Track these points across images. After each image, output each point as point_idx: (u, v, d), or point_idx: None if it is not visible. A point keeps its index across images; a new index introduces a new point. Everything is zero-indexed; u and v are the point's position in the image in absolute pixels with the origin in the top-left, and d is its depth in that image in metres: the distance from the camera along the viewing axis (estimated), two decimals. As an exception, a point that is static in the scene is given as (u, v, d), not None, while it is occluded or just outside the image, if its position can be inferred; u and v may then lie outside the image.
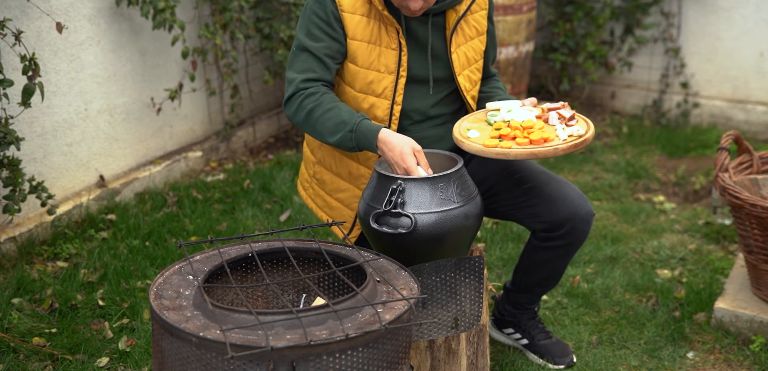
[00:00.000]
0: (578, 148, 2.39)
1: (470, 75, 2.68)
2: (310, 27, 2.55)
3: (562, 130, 2.43)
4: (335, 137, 2.47)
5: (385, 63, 2.55)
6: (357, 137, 2.44)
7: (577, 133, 2.42)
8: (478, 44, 2.70)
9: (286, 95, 2.57)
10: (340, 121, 2.46)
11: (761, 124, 5.49)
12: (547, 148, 2.35)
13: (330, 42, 2.53)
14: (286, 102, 2.57)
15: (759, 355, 3.01)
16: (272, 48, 4.88)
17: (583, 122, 2.51)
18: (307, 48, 2.54)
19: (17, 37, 3.35)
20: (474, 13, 2.66)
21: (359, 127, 2.44)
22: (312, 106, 2.50)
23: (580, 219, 2.65)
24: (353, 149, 2.47)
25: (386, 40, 2.55)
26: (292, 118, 2.57)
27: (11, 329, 3.06)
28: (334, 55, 2.55)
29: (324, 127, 2.48)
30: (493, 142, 2.40)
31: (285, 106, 2.58)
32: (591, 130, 2.45)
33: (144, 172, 4.34)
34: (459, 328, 2.31)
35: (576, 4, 5.83)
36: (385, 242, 2.34)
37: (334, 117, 2.47)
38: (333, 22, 2.53)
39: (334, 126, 2.47)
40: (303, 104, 2.51)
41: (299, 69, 2.55)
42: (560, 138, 2.40)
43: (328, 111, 2.48)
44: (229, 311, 1.85)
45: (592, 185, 4.65)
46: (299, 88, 2.53)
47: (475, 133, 2.48)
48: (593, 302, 3.39)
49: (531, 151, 2.34)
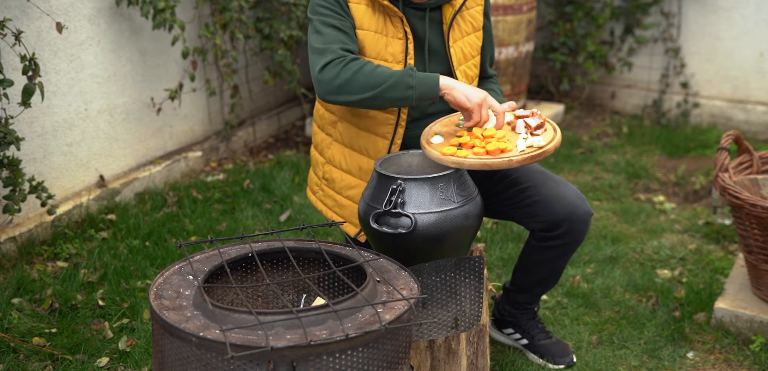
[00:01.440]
0: (535, 160, 2.36)
1: (467, 71, 2.69)
2: (324, 11, 2.53)
3: (523, 140, 2.41)
4: (392, 79, 2.41)
5: (392, 52, 2.56)
6: (417, 78, 2.43)
7: (537, 144, 2.40)
8: (475, 40, 2.71)
9: (323, 61, 2.46)
10: (393, 71, 2.44)
11: (761, 124, 5.49)
12: (501, 159, 2.34)
13: (347, 22, 2.52)
14: (324, 67, 2.45)
15: (759, 355, 3.01)
16: (272, 48, 4.88)
17: (551, 131, 2.49)
18: (331, 24, 2.49)
19: (17, 37, 3.35)
20: (470, 8, 2.67)
21: (416, 71, 2.45)
22: (359, 66, 2.43)
23: (577, 219, 2.65)
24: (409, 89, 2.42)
25: (392, 30, 2.56)
26: (329, 84, 2.45)
27: (11, 329, 3.06)
28: (354, 34, 2.54)
29: (377, 78, 2.42)
30: (450, 150, 2.39)
31: (322, 70, 2.45)
32: (554, 142, 2.42)
33: (144, 172, 4.34)
34: (459, 328, 2.31)
35: (576, 4, 5.83)
36: (385, 242, 2.34)
37: (384, 70, 2.44)
38: (343, 6, 2.53)
39: (389, 74, 2.42)
40: (349, 66, 2.43)
41: (330, 40, 2.48)
42: (518, 148, 2.39)
43: (377, 68, 2.44)
44: (229, 311, 1.85)
45: (592, 185, 4.65)
46: (339, 54, 2.45)
47: (438, 139, 2.48)
48: (593, 302, 3.39)
49: (484, 162, 2.33)
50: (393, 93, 2.42)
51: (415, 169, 2.55)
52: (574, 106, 6.01)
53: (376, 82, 2.42)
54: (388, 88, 2.42)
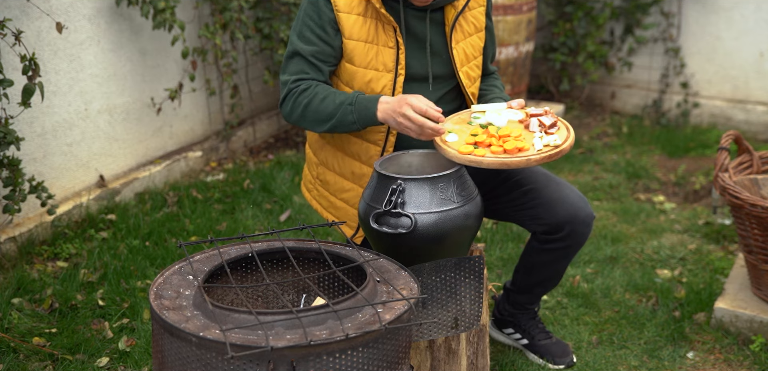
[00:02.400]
0: (552, 159, 2.37)
1: (469, 71, 2.68)
2: (303, 29, 2.57)
3: (539, 139, 2.41)
4: (334, 118, 2.49)
5: (383, 61, 2.55)
6: (357, 109, 2.47)
7: (554, 143, 2.39)
8: (477, 41, 2.70)
9: (281, 96, 2.62)
10: (338, 103, 2.50)
11: (761, 124, 5.49)
12: (520, 158, 2.33)
13: (322, 45, 2.55)
14: (281, 104, 2.62)
15: (759, 355, 3.01)
16: (272, 48, 4.88)
17: (564, 130, 2.48)
18: (299, 52, 2.57)
19: (17, 37, 3.35)
20: (472, 9, 2.67)
21: (358, 99, 2.48)
22: (307, 100, 2.54)
23: (580, 222, 2.65)
24: (353, 124, 2.49)
25: (383, 39, 2.55)
26: (288, 118, 2.61)
27: (11, 329, 3.06)
28: (326, 59, 2.57)
29: (323, 113, 2.51)
30: (467, 149, 2.39)
31: (281, 107, 2.63)
32: (569, 140, 2.43)
33: (144, 172, 4.34)
34: (459, 328, 2.31)
35: (576, 4, 5.83)
36: (385, 242, 2.33)
37: (330, 102, 2.51)
38: (326, 26, 2.54)
39: (333, 108, 2.50)
40: (297, 101, 2.55)
41: (291, 71, 2.59)
42: (535, 147, 2.38)
43: (324, 99, 2.52)
44: (229, 311, 1.85)
45: (592, 185, 4.65)
46: (290, 89, 2.57)
47: (453, 137, 2.47)
48: (593, 302, 3.39)
49: (503, 161, 2.33)
50: (341, 129, 2.52)
51: (415, 169, 2.55)
52: (574, 106, 6.01)
53: (323, 118, 2.53)
54: (334, 124, 2.52)
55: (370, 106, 2.47)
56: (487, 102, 2.73)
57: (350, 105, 2.48)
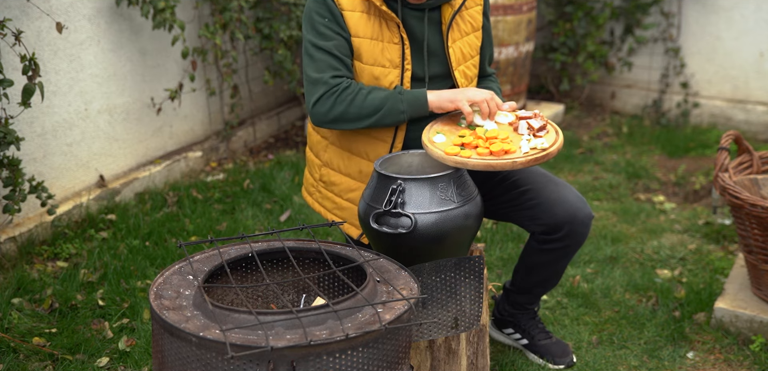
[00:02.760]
0: (539, 162, 2.37)
1: (466, 71, 2.68)
2: (318, 27, 2.54)
3: (526, 142, 2.41)
4: (383, 109, 2.51)
5: (389, 57, 2.56)
6: (406, 98, 2.51)
7: (541, 146, 2.40)
8: (474, 40, 2.70)
9: (316, 95, 2.52)
10: (384, 95, 2.52)
11: (761, 124, 5.49)
12: (505, 160, 2.34)
13: (340, 40, 2.54)
14: (316, 102, 2.52)
15: (759, 355, 3.01)
16: (272, 48, 4.88)
17: (553, 133, 2.49)
18: (321, 47, 2.53)
19: (17, 37, 3.35)
20: (469, 8, 2.67)
21: (404, 91, 2.52)
22: (351, 96, 2.51)
23: (579, 222, 2.65)
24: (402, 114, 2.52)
25: (388, 35, 2.56)
26: (325, 116, 2.53)
27: (11, 329, 3.06)
28: (347, 53, 2.56)
29: (369, 106, 2.51)
30: (454, 150, 2.39)
31: (315, 106, 2.53)
32: (557, 144, 2.43)
33: (144, 172, 4.34)
34: (459, 328, 2.31)
35: (576, 4, 5.83)
36: (385, 242, 2.33)
37: (375, 96, 2.52)
38: (338, 20, 2.53)
39: (380, 101, 2.51)
40: (341, 98, 2.51)
41: (321, 68, 2.53)
42: (522, 150, 2.39)
43: (369, 94, 2.52)
44: (229, 311, 1.85)
45: (592, 185, 4.65)
46: (331, 85, 2.51)
47: (441, 138, 2.47)
48: (593, 302, 3.39)
49: (488, 163, 2.33)
50: (386, 120, 2.53)
51: (415, 169, 2.55)
52: (574, 106, 6.01)
53: (369, 112, 2.51)
54: (381, 116, 2.52)
55: (419, 94, 2.53)
56: None
57: (400, 94, 2.51)
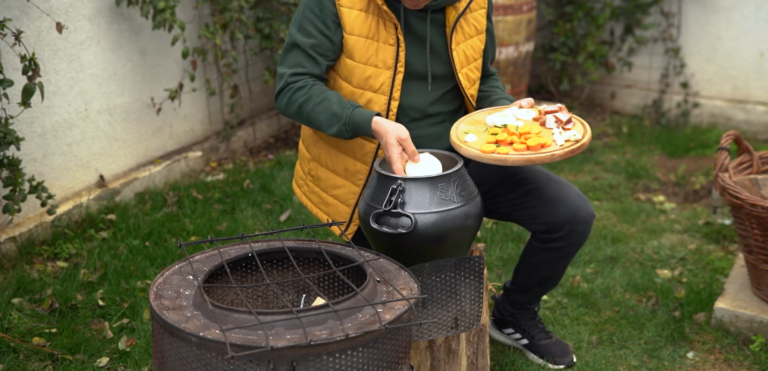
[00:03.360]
0: (575, 153, 2.37)
1: (469, 73, 2.68)
2: (304, 22, 2.57)
3: (559, 134, 2.41)
4: (331, 130, 2.50)
5: (382, 58, 2.55)
6: (351, 128, 2.47)
7: (574, 138, 2.40)
8: (477, 43, 2.70)
9: (276, 89, 2.62)
10: (331, 113, 2.49)
11: (761, 124, 5.49)
12: (544, 154, 2.34)
13: (321, 39, 2.54)
14: (276, 96, 2.62)
15: (759, 355, 3.01)
16: (272, 48, 4.88)
17: (580, 125, 2.49)
18: (297, 43, 2.57)
19: (17, 37, 3.35)
20: (473, 11, 2.66)
21: (352, 117, 2.47)
22: (302, 100, 2.53)
23: (580, 221, 2.65)
24: (352, 138, 2.52)
25: (384, 36, 2.55)
26: (284, 112, 2.61)
27: (11, 329, 3.06)
28: (324, 53, 2.56)
29: (317, 120, 2.52)
30: (490, 148, 2.39)
31: (276, 99, 2.62)
32: (588, 134, 2.43)
33: (144, 172, 4.34)
34: (459, 328, 2.31)
35: (576, 4, 5.83)
36: (385, 242, 2.33)
37: (325, 110, 2.50)
38: (327, 20, 2.53)
39: (327, 119, 2.50)
40: (293, 98, 2.56)
41: (289, 64, 2.59)
42: (557, 143, 2.38)
43: (319, 104, 2.51)
44: (229, 311, 1.85)
45: (592, 185, 4.65)
46: (288, 82, 2.57)
47: (472, 137, 2.47)
48: (593, 302, 3.39)
49: (528, 157, 2.33)
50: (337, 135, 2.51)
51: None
52: (574, 106, 6.01)
53: (316, 125, 2.54)
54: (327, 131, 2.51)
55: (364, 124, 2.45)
56: (491, 103, 2.73)
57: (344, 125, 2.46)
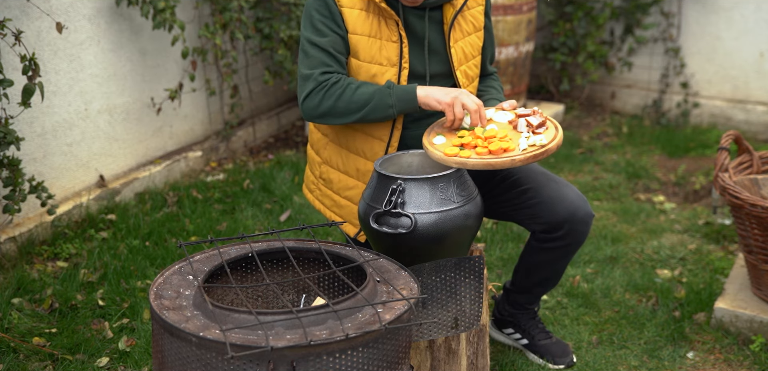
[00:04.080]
0: (538, 158, 2.36)
1: (467, 71, 2.69)
2: (315, 23, 2.56)
3: (525, 139, 2.41)
4: (371, 103, 2.50)
5: (386, 56, 2.56)
6: (396, 92, 2.49)
7: (540, 143, 2.40)
8: (476, 40, 2.70)
9: (305, 91, 2.54)
10: (373, 89, 2.50)
11: (761, 124, 5.49)
12: (504, 159, 2.34)
13: (335, 37, 2.55)
14: (306, 97, 2.54)
15: (759, 355, 3.01)
16: (272, 48, 4.88)
17: (553, 129, 2.48)
18: (316, 43, 2.54)
19: (17, 37, 3.35)
20: (471, 8, 2.67)
21: (394, 86, 2.50)
22: (340, 91, 2.51)
23: (579, 220, 2.65)
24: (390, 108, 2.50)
25: (386, 33, 2.55)
26: (314, 111, 2.54)
27: (11, 329, 3.06)
28: (341, 51, 2.56)
29: (358, 100, 2.51)
30: (453, 150, 2.39)
31: (305, 101, 2.55)
32: (556, 139, 2.42)
33: (144, 172, 4.34)
34: (459, 328, 2.31)
35: (576, 4, 5.83)
36: (385, 242, 2.33)
37: (364, 90, 2.51)
38: (336, 17, 2.54)
39: (368, 96, 2.50)
40: (329, 92, 2.52)
41: (314, 64, 2.55)
42: (520, 147, 2.39)
43: (359, 88, 2.51)
44: (229, 311, 1.85)
45: (592, 185, 4.65)
46: (319, 82, 2.53)
47: (440, 139, 2.48)
48: (593, 302, 3.39)
49: (487, 162, 2.33)
50: (375, 114, 2.51)
51: (415, 168, 2.55)
52: (574, 106, 6.01)
53: (357, 106, 2.51)
54: (369, 110, 2.51)
55: (409, 88, 2.50)
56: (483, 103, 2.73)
57: (389, 88, 2.50)
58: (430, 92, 2.49)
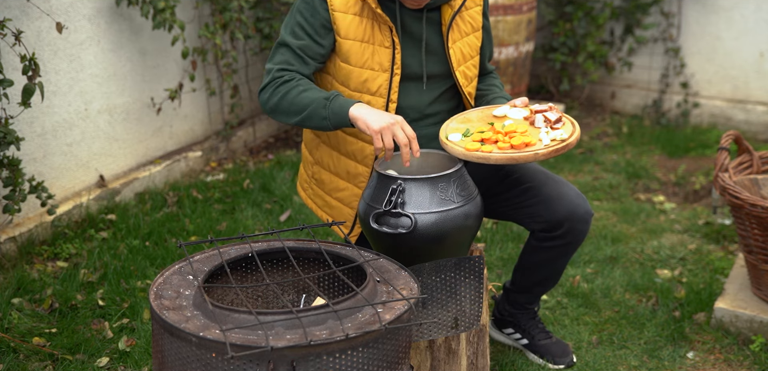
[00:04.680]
0: (560, 153, 2.37)
1: (466, 71, 2.68)
2: (294, 26, 2.57)
3: (545, 133, 2.42)
4: (307, 110, 2.46)
5: (378, 61, 2.55)
6: (331, 108, 2.43)
7: (560, 138, 2.40)
8: (474, 40, 2.70)
9: (262, 84, 2.59)
10: (314, 96, 2.47)
11: (761, 124, 5.49)
12: (528, 153, 2.34)
13: (310, 42, 2.54)
14: (261, 90, 2.59)
15: (759, 355, 3.02)
16: (272, 48, 4.88)
17: (569, 125, 2.49)
18: (288, 43, 2.56)
19: (17, 37, 3.35)
20: (469, 8, 2.66)
21: (336, 96, 2.45)
22: (286, 90, 2.51)
23: (578, 219, 2.65)
24: (325, 120, 2.44)
25: (379, 38, 2.55)
26: (265, 105, 2.57)
27: (11, 329, 3.06)
28: (313, 56, 2.56)
29: (298, 104, 2.49)
30: (474, 146, 2.39)
31: (260, 93, 2.59)
32: (575, 134, 2.43)
33: (144, 172, 4.34)
34: (459, 328, 2.31)
35: (576, 4, 5.83)
36: (385, 242, 2.33)
37: (307, 96, 2.48)
38: (317, 26, 2.53)
39: (308, 101, 2.47)
40: (277, 90, 2.53)
41: (276, 61, 2.58)
42: (542, 142, 2.39)
43: (303, 92, 2.50)
44: (229, 311, 1.85)
45: (592, 185, 4.65)
46: (275, 77, 2.55)
47: (457, 136, 2.48)
48: (593, 302, 3.39)
49: (511, 156, 2.34)
50: (312, 122, 2.49)
51: (415, 168, 2.55)
52: (574, 106, 6.01)
53: (296, 110, 2.50)
54: (306, 117, 2.49)
55: (346, 104, 2.43)
56: (488, 102, 2.74)
57: (327, 100, 2.45)
58: (363, 113, 2.40)
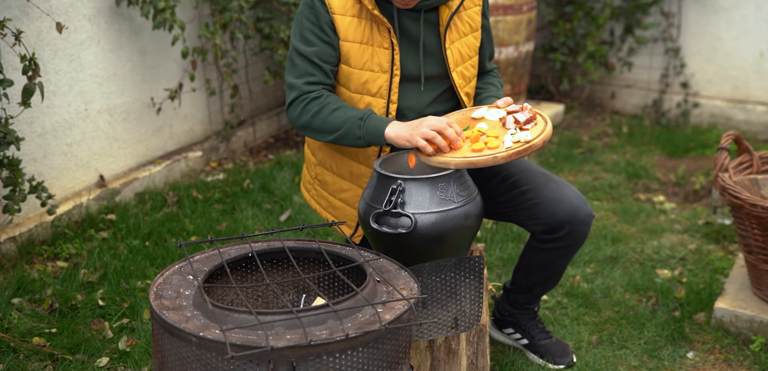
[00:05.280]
0: (520, 155, 2.33)
1: (464, 71, 2.68)
2: (303, 31, 2.57)
3: (510, 136, 2.40)
4: (341, 130, 2.48)
5: (378, 62, 2.55)
6: (366, 126, 2.45)
7: (524, 139, 2.38)
8: (472, 40, 2.69)
9: (289, 99, 2.58)
10: (348, 116, 2.48)
11: (761, 124, 5.49)
12: (486, 156, 2.32)
13: (323, 46, 2.55)
14: (288, 106, 2.58)
15: (759, 355, 3.02)
16: (272, 48, 4.88)
17: (541, 124, 2.45)
18: (303, 53, 2.56)
19: (17, 37, 3.35)
20: (467, 8, 2.66)
21: (371, 115, 2.47)
22: (317, 108, 2.52)
23: (579, 221, 2.65)
24: (359, 139, 2.47)
25: (378, 40, 2.55)
26: (295, 122, 2.58)
27: (11, 329, 3.06)
28: (328, 60, 2.56)
29: (331, 124, 2.50)
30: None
31: (288, 109, 2.59)
32: (542, 135, 2.38)
33: (144, 172, 4.34)
34: (459, 328, 2.31)
35: (576, 4, 5.83)
36: (385, 242, 2.33)
37: (339, 115, 2.49)
38: (324, 27, 2.54)
39: (341, 121, 2.48)
40: (307, 107, 2.53)
41: (299, 74, 2.57)
42: (504, 144, 2.37)
43: (335, 110, 2.50)
44: (229, 311, 1.85)
45: (592, 185, 4.65)
46: (303, 92, 2.54)
47: None
48: (593, 302, 3.39)
49: (469, 160, 2.32)
50: (346, 141, 2.51)
51: (415, 168, 2.55)
52: (574, 106, 6.01)
53: (329, 129, 2.51)
54: (340, 136, 2.50)
55: (380, 124, 2.45)
56: (479, 102, 2.73)
57: (361, 120, 2.47)
58: (399, 131, 2.42)
